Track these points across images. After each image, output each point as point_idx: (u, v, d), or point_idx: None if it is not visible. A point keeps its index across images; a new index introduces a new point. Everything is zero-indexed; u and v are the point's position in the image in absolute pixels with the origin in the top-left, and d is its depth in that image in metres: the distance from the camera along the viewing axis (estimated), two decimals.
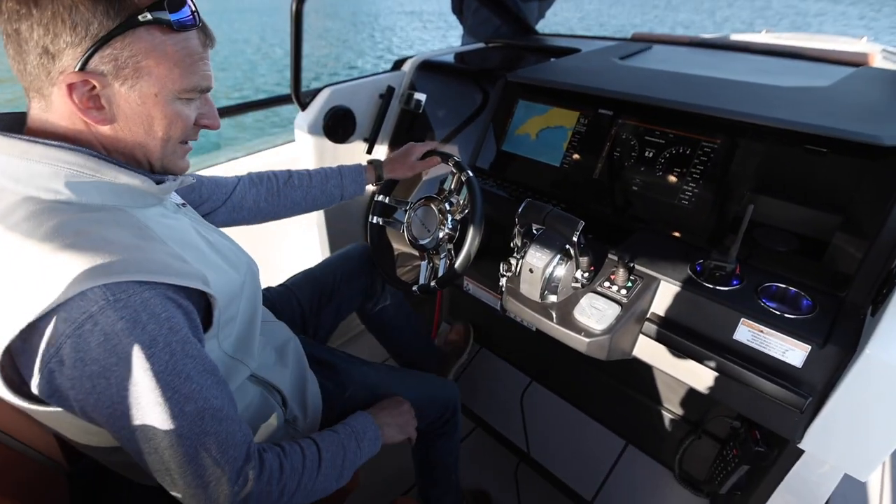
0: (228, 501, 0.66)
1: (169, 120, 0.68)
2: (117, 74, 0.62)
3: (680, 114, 1.16)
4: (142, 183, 0.68)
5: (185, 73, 0.66)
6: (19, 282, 0.57)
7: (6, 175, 0.61)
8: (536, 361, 1.85)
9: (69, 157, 0.62)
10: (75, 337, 0.56)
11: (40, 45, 0.58)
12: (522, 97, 1.46)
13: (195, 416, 0.63)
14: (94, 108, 0.63)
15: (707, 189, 1.11)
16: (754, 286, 0.96)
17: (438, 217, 1.18)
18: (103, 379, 0.58)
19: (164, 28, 0.63)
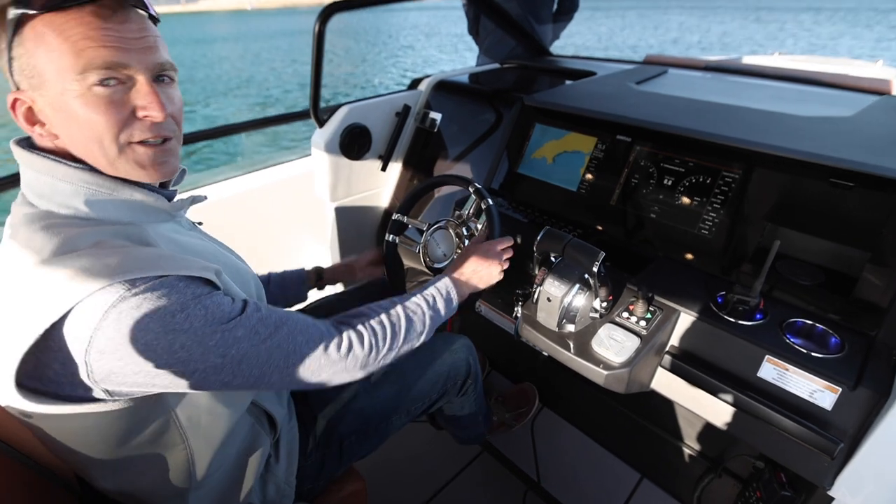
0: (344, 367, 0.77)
1: (86, 116, 0.61)
2: (31, 84, 0.61)
3: (699, 142, 1.15)
4: (154, 200, 0.70)
5: (75, 55, 0.59)
6: (36, 288, 0.58)
7: (33, 190, 0.64)
8: (548, 386, 1.81)
9: (88, 178, 0.64)
10: (104, 327, 0.57)
11: None
12: (539, 121, 1.45)
13: (259, 331, 0.68)
14: (37, 124, 0.64)
15: (728, 219, 1.09)
16: (779, 321, 0.94)
17: (455, 241, 1.16)
18: (152, 352, 0.60)
19: (42, 19, 0.58)
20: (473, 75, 1.98)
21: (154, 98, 0.64)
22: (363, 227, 1.86)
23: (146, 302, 0.59)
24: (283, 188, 2.00)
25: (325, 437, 1.07)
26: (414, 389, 1.15)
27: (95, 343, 0.58)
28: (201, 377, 0.65)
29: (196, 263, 0.67)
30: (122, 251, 0.61)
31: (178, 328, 0.61)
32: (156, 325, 0.60)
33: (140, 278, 0.59)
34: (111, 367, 0.60)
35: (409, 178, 1.83)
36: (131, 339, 0.59)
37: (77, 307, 0.57)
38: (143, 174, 0.68)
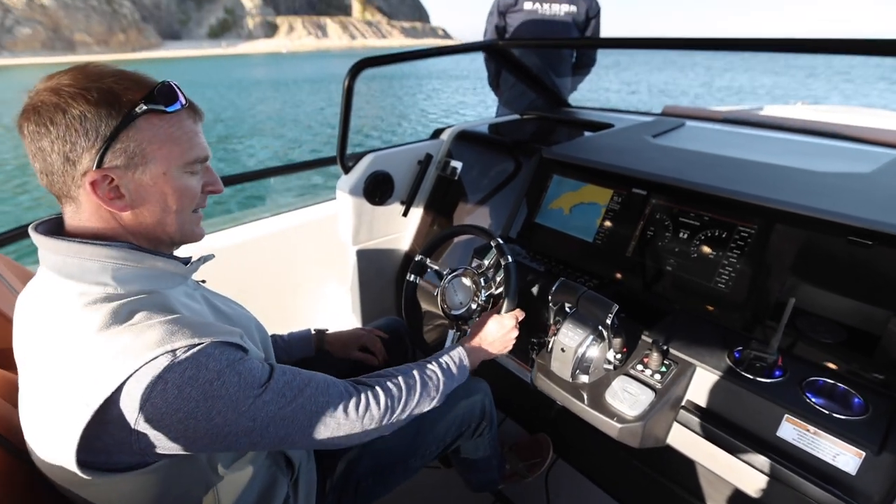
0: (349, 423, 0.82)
1: (179, 193, 0.75)
2: (129, 164, 0.69)
3: (715, 197, 1.17)
4: (175, 267, 0.78)
5: (185, 148, 0.73)
6: (87, 366, 0.63)
7: (62, 273, 0.69)
8: (563, 436, 1.78)
9: (113, 253, 0.70)
10: (152, 398, 0.63)
11: (62, 155, 0.66)
12: (556, 172, 1.49)
13: (285, 395, 0.75)
14: (116, 198, 0.71)
15: (745, 273, 1.10)
16: (798, 379, 0.92)
17: (472, 289, 1.19)
18: (193, 420, 0.66)
19: (158, 114, 0.70)
20: (493, 126, 2.05)
21: (217, 177, 0.82)
22: (383, 270, 1.89)
23: (188, 371, 0.65)
24: (308, 230, 2.06)
25: (343, 479, 1.08)
26: (430, 431, 1.16)
27: (144, 413, 0.63)
28: (233, 440, 0.70)
29: (223, 329, 0.73)
30: (157, 322, 0.67)
31: (215, 394, 0.67)
32: (197, 394, 0.66)
33: (179, 347, 0.65)
34: (155, 435, 0.65)
35: (430, 224, 1.88)
36: (176, 409, 0.64)
37: (126, 382, 0.62)
38: (196, 235, 0.82)
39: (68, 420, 0.63)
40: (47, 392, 0.67)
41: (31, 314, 0.73)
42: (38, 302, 0.72)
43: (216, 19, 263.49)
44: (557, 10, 2.54)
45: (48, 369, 0.67)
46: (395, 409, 0.88)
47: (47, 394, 0.67)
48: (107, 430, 0.64)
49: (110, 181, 0.69)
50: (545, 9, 2.55)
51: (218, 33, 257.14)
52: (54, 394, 0.65)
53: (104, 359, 0.63)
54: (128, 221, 0.73)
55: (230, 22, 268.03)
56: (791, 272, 1.06)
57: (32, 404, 0.70)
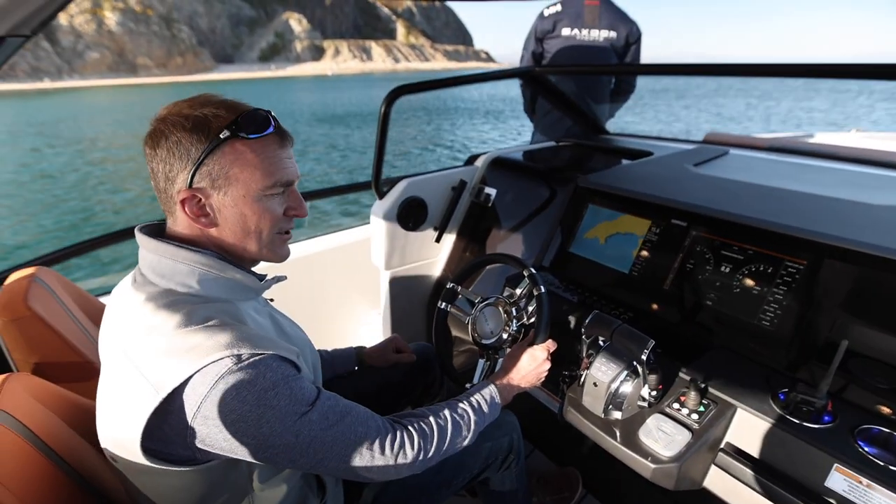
0: (394, 465, 0.83)
1: (259, 215, 0.80)
2: (213, 185, 0.76)
3: (761, 231, 1.12)
4: (251, 282, 0.83)
5: (266, 173, 0.78)
6: (162, 356, 0.70)
7: (154, 271, 0.78)
8: (593, 471, 1.72)
9: (203, 259, 0.77)
10: (213, 395, 0.68)
11: (164, 175, 0.76)
12: (593, 202, 1.47)
13: (328, 420, 0.77)
14: (202, 216, 0.78)
15: (792, 311, 1.04)
16: (850, 427, 0.87)
17: (504, 318, 1.17)
18: (243, 423, 0.70)
19: (242, 140, 0.76)
20: (528, 153, 2.05)
21: (302, 201, 0.86)
22: (415, 295, 1.90)
23: (247, 376, 0.70)
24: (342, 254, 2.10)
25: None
26: (458, 463, 1.15)
27: (203, 409, 0.69)
28: (274, 453, 0.74)
29: (284, 345, 0.77)
30: (228, 328, 0.72)
31: (268, 404, 0.71)
32: (252, 398, 0.70)
33: (244, 353, 0.70)
34: (208, 431, 0.70)
35: (463, 251, 1.89)
36: (231, 409, 0.69)
37: (193, 376, 0.68)
38: (278, 257, 0.87)
39: (139, 405, 0.69)
40: (125, 378, 0.73)
41: (120, 308, 0.80)
42: (129, 296, 0.79)
43: (266, 43, 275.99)
44: (596, 36, 2.54)
45: (128, 357, 0.73)
46: (428, 450, 0.89)
47: (125, 380, 0.73)
48: (168, 420, 0.70)
49: (198, 200, 0.76)
50: (584, 34, 2.55)
51: (268, 56, 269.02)
52: (131, 380, 0.71)
53: (178, 352, 0.69)
54: (214, 237, 0.80)
55: (279, 46, 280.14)
56: (842, 311, 1.00)
57: (110, 391, 0.77)
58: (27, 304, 1.12)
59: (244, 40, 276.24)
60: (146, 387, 0.69)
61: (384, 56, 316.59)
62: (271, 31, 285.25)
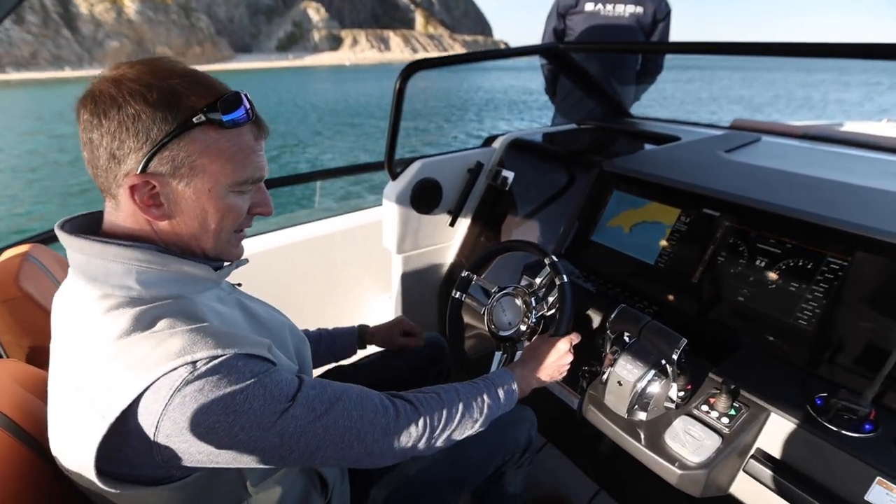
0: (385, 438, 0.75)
1: (222, 213, 0.71)
2: (174, 174, 0.66)
3: (801, 223, 1.05)
4: (203, 272, 0.73)
5: (238, 167, 0.69)
6: (104, 375, 0.61)
7: (86, 275, 0.66)
8: (607, 467, 1.68)
9: (139, 255, 0.66)
10: (170, 412, 0.59)
11: (108, 151, 0.63)
12: (618, 188, 1.40)
13: (314, 408, 0.69)
14: (153, 206, 0.67)
15: (832, 310, 0.97)
16: (893, 437, 0.81)
17: (522, 309, 1.12)
18: (215, 434, 0.62)
19: (216, 127, 0.65)
20: (548, 135, 1.97)
21: (269, 199, 0.77)
22: (427, 280, 1.85)
23: (208, 384, 0.61)
24: (353, 236, 2.05)
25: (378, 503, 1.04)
26: (470, 460, 1.10)
27: (162, 427, 0.60)
28: (260, 455, 0.66)
29: (250, 339, 0.68)
30: (179, 331, 0.63)
31: (238, 409, 0.62)
32: (217, 408, 0.61)
33: (200, 359, 0.61)
34: (177, 448, 0.62)
35: (477, 236, 1.82)
36: (195, 423, 0.60)
37: (144, 394, 0.59)
38: (237, 253, 0.78)
39: (88, 429, 0.61)
40: (69, 399, 0.64)
41: (61, 316, 0.70)
42: (67, 304, 0.69)
43: (284, 32, 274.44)
44: (622, 12, 2.41)
45: (71, 375, 0.65)
46: (434, 427, 0.81)
47: (69, 401, 0.64)
48: (128, 442, 0.62)
49: (151, 188, 0.65)
50: (608, 10, 2.43)
51: (286, 46, 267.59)
52: (75, 402, 0.63)
53: (121, 369, 0.60)
54: (162, 229, 0.70)
55: (297, 35, 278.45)
56: (889, 313, 0.93)
57: (57, 409, 0.68)
58: (18, 285, 1.04)
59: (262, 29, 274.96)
60: (91, 412, 0.60)
61: (402, 46, 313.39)
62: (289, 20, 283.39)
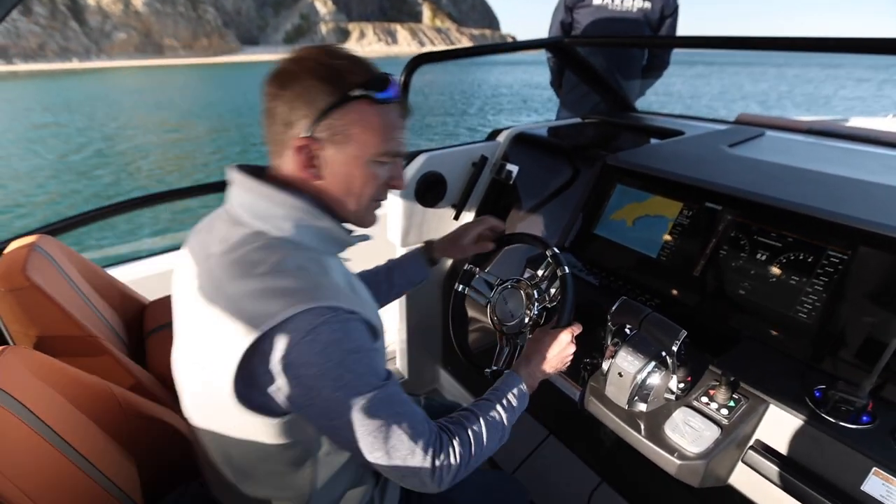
0: (426, 472, 0.76)
1: (365, 179, 0.80)
2: (331, 139, 0.76)
3: (802, 216, 1.05)
4: (342, 235, 0.83)
5: (383, 139, 0.78)
6: (255, 296, 0.69)
7: (249, 212, 0.77)
8: (610, 459, 1.69)
9: (300, 205, 0.76)
10: (303, 344, 0.67)
11: (283, 117, 0.75)
12: (621, 181, 1.40)
13: (391, 403, 0.74)
14: (310, 167, 0.77)
15: (832, 303, 0.98)
16: (890, 428, 0.82)
17: (525, 301, 1.13)
18: (322, 379, 0.69)
19: (370, 101, 0.75)
20: (553, 129, 1.98)
21: (402, 174, 0.86)
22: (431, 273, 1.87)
23: (338, 333, 0.69)
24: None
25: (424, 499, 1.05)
26: None
27: (290, 357, 0.68)
28: (331, 420, 0.72)
29: (374, 312, 0.78)
30: (323, 279, 0.73)
31: (348, 366, 0.70)
32: (336, 356, 0.69)
33: (341, 309, 0.70)
34: (290, 380, 0.69)
35: None
36: (313, 363, 0.68)
37: (290, 320, 0.67)
38: (369, 221, 0.88)
39: (232, 344, 0.68)
40: (212, 323, 0.72)
41: (203, 248, 0.79)
42: (215, 236, 0.78)
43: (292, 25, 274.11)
44: (630, 6, 2.41)
45: (223, 295, 0.72)
46: (468, 460, 0.82)
47: (211, 325, 0.72)
48: (252, 362, 0.69)
49: (311, 150, 0.76)
50: (616, 4, 2.42)
51: (293, 38, 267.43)
52: (223, 319, 0.70)
53: (274, 293, 0.68)
54: (315, 188, 0.79)
55: (305, 28, 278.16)
56: (888, 306, 0.94)
57: (192, 338, 0.78)
58: (26, 274, 1.06)
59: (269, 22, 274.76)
60: (239, 326, 0.68)
61: (409, 39, 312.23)
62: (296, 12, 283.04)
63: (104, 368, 1.11)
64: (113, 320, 1.36)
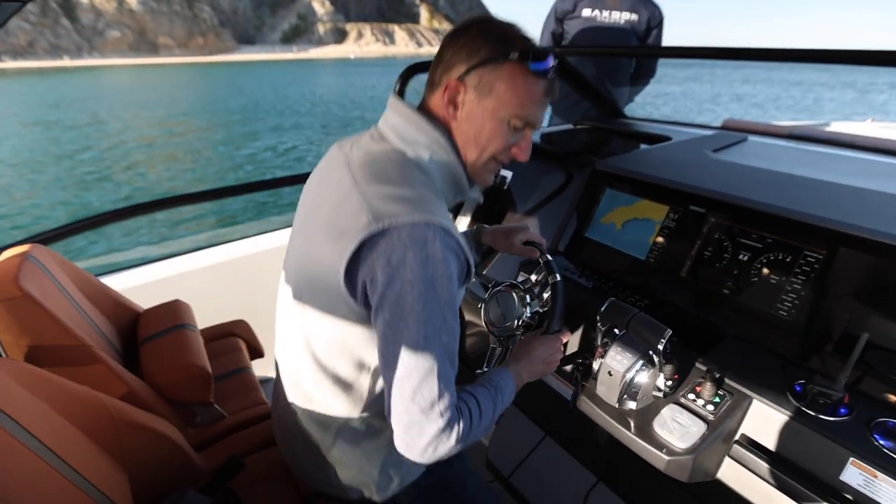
0: (431, 431, 0.77)
1: (492, 133, 0.86)
2: (477, 87, 0.84)
3: (780, 218, 1.10)
4: (463, 178, 0.91)
5: (521, 105, 0.84)
6: (386, 196, 0.77)
7: (396, 132, 0.87)
8: (605, 459, 1.72)
9: (439, 137, 0.86)
10: (413, 250, 0.74)
11: (447, 59, 0.85)
12: (610, 186, 1.45)
13: (446, 345, 0.78)
14: (452, 106, 0.86)
15: (810, 301, 1.03)
16: (866, 420, 0.86)
17: (518, 305, 1.16)
18: (409, 286, 0.74)
19: (522, 68, 0.82)
20: (545, 135, 2.02)
21: (529, 147, 0.92)
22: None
23: (442, 255, 0.76)
24: None
25: None
26: None
27: (396, 256, 0.74)
28: (392, 328, 0.76)
29: (469, 251, 0.82)
30: (442, 206, 0.82)
31: (435, 289, 0.75)
32: (430, 274, 0.75)
33: (449, 233, 0.77)
34: (386, 276, 0.75)
35: None
36: (413, 268, 0.74)
37: (409, 225, 0.74)
38: (487, 179, 0.95)
39: (354, 229, 0.76)
40: (338, 216, 0.80)
41: (342, 159, 0.89)
42: (360, 147, 0.89)
43: (289, 25, 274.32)
44: (617, 18, 2.48)
45: (356, 184, 0.81)
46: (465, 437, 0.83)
47: (337, 217, 0.80)
48: (364, 252, 0.76)
49: (458, 92, 0.84)
50: (604, 16, 2.49)
51: (290, 38, 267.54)
52: (346, 216, 0.79)
53: (403, 200, 0.76)
54: (452, 128, 0.88)
55: (302, 28, 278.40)
56: (861, 301, 0.98)
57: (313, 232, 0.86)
58: (18, 284, 1.05)
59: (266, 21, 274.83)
60: (366, 218, 0.75)
61: (407, 40, 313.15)
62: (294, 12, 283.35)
63: (97, 378, 1.10)
64: (106, 329, 1.35)
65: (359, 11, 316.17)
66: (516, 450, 1.81)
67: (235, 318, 1.84)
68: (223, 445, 1.32)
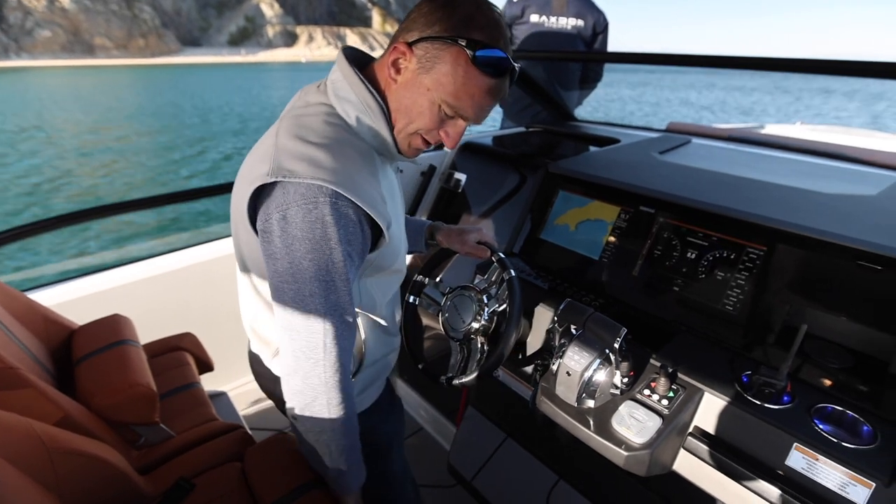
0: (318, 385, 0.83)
1: (421, 110, 0.85)
2: (420, 59, 0.82)
3: (723, 217, 1.15)
4: (390, 145, 0.89)
5: (456, 93, 0.82)
6: (287, 155, 0.78)
7: (332, 87, 0.87)
8: (566, 457, 1.75)
9: (370, 100, 0.85)
10: (303, 208, 0.76)
11: (407, 23, 0.84)
12: (563, 188, 1.47)
13: (334, 303, 0.81)
14: (394, 68, 0.84)
15: (753, 295, 1.08)
16: (807, 406, 0.90)
17: (475, 307, 1.16)
18: (298, 243, 0.77)
19: (467, 58, 0.80)
20: (498, 138, 2.04)
21: (458, 138, 0.89)
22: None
23: (329, 217, 0.76)
24: None
25: None
26: None
27: (288, 216, 0.76)
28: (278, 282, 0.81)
29: (382, 210, 0.84)
30: (355, 167, 0.81)
31: (318, 251, 0.77)
32: (316, 235, 0.77)
33: (343, 198, 0.77)
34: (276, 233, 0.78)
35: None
36: (299, 230, 0.76)
37: (299, 183, 0.76)
38: (405, 151, 0.92)
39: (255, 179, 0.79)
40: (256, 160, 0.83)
41: (291, 106, 0.90)
42: (304, 96, 0.90)
43: (236, 27, 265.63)
44: (564, 24, 2.54)
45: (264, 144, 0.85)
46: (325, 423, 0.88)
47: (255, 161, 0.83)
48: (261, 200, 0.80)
49: (402, 56, 0.83)
50: (552, 21, 2.54)
51: (238, 41, 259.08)
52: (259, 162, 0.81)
53: (305, 160, 0.77)
54: (389, 92, 0.87)
55: (250, 30, 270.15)
56: (800, 295, 1.04)
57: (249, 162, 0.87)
58: None
59: (212, 23, 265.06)
60: (267, 168, 0.78)
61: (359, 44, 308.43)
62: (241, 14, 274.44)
63: (27, 402, 1.03)
64: (36, 349, 1.25)
65: (309, 14, 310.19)
66: (478, 453, 1.81)
67: (182, 330, 1.75)
68: (171, 467, 1.25)
